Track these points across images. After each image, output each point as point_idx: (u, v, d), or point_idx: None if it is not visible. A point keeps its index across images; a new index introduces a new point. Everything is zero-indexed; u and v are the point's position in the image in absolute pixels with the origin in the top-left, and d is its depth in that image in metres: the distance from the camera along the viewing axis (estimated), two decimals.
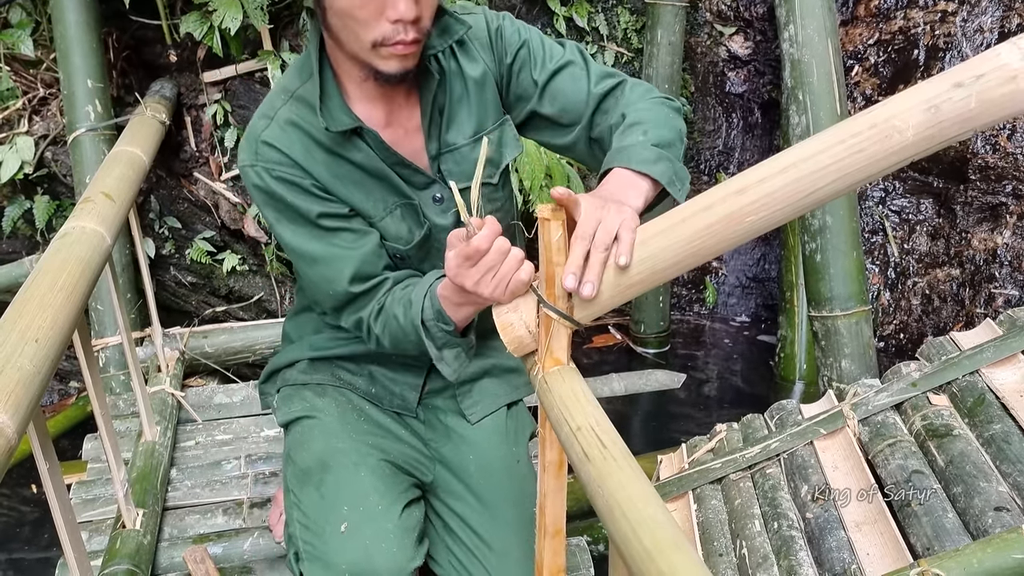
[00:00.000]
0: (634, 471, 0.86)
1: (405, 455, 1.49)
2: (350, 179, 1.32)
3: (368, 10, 1.14)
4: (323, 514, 1.35)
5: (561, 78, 1.36)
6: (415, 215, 1.37)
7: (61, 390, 3.11)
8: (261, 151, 1.30)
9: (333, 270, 1.32)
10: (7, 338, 1.06)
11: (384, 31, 1.16)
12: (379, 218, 1.35)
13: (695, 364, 3.39)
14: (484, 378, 1.57)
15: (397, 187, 1.35)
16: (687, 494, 1.94)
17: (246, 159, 1.32)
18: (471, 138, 1.38)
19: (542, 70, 1.36)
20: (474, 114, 1.37)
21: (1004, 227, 2.89)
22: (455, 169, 1.38)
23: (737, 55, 3.46)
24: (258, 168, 1.30)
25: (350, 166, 1.32)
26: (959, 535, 1.51)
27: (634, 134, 1.24)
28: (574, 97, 1.35)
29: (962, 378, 1.82)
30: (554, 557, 1.18)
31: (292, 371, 1.59)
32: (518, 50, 1.36)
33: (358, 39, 1.18)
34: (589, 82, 1.35)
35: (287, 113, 1.30)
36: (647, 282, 1.02)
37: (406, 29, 1.16)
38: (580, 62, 1.37)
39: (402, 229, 1.36)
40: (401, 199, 1.36)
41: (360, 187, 1.33)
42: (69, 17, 2.43)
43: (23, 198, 2.70)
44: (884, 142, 0.88)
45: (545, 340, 1.07)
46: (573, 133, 1.38)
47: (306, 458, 1.43)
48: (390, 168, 1.33)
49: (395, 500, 1.37)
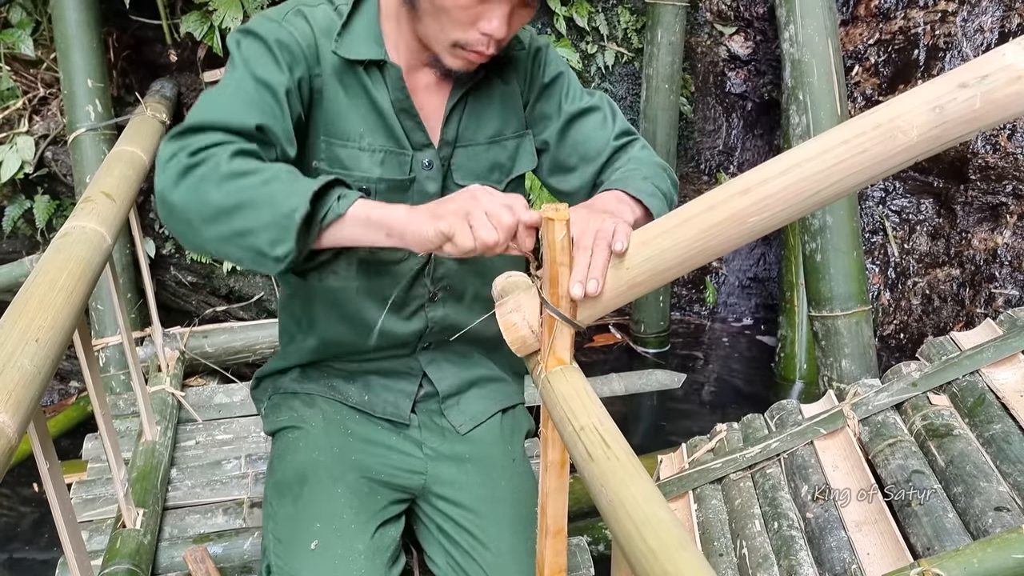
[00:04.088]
0: (637, 470, 0.86)
1: (393, 465, 1.47)
2: (349, 98, 1.30)
3: (467, 14, 1.17)
4: (295, 529, 1.33)
5: (587, 119, 1.40)
6: (401, 167, 1.33)
7: (61, 390, 3.11)
8: (290, 14, 1.26)
9: (245, 102, 1.18)
10: (7, 338, 1.06)
11: (470, 37, 1.19)
12: (354, 145, 1.31)
13: (695, 364, 3.39)
14: (470, 390, 1.55)
15: (394, 133, 1.32)
16: (687, 494, 1.94)
17: (269, 12, 1.27)
18: (488, 140, 1.39)
19: (571, 103, 1.41)
20: (496, 119, 1.39)
21: (1004, 227, 2.90)
22: (465, 164, 1.37)
23: (737, 55, 3.46)
24: (273, 24, 1.24)
25: (359, 88, 1.30)
26: (959, 535, 1.51)
27: (635, 173, 1.31)
28: (593, 142, 1.39)
29: (962, 378, 1.82)
30: (555, 557, 1.18)
31: (284, 379, 1.57)
32: (554, 77, 1.41)
33: (442, 32, 1.21)
34: (611, 132, 1.40)
35: (330, 12, 1.29)
36: (650, 282, 1.02)
37: (489, 43, 1.20)
38: (608, 111, 1.42)
39: (373, 170, 1.32)
40: (393, 146, 1.32)
41: (355, 110, 1.30)
42: (69, 17, 2.43)
43: (23, 198, 2.70)
44: (888, 143, 0.88)
45: (548, 340, 1.07)
46: (575, 177, 1.41)
47: (286, 470, 1.42)
48: (395, 114, 1.31)
49: (369, 519, 1.36)
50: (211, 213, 1.09)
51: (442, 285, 1.45)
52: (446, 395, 1.53)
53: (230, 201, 1.08)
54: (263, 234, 1.08)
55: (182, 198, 1.10)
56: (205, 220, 1.10)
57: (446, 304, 1.46)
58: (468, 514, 1.43)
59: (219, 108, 1.17)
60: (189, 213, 1.10)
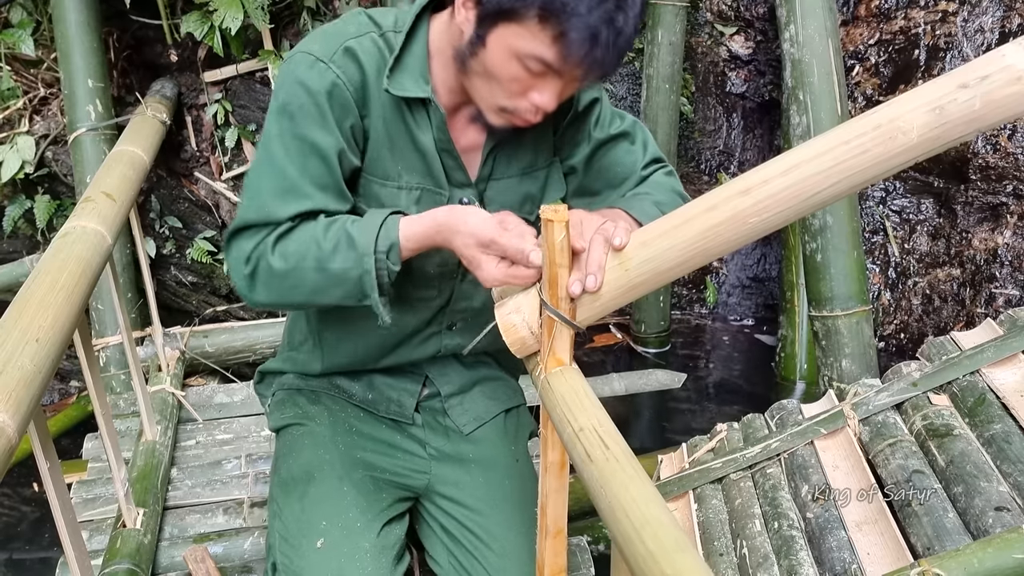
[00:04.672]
0: (637, 472, 0.86)
1: (397, 464, 1.47)
2: (392, 136, 1.28)
3: (517, 85, 1.15)
4: (302, 527, 1.33)
5: (616, 147, 1.40)
6: (436, 205, 1.32)
7: (62, 389, 3.11)
8: (339, 54, 1.21)
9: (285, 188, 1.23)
10: (8, 338, 1.06)
11: (518, 105, 1.18)
12: (392, 184, 1.30)
13: (695, 364, 3.39)
14: (474, 389, 1.56)
15: (432, 172, 1.31)
16: (687, 494, 1.94)
17: (315, 49, 1.22)
18: (520, 172, 1.38)
19: (601, 130, 1.40)
20: (529, 151, 1.38)
21: (1005, 227, 2.89)
22: (497, 197, 1.37)
23: (738, 55, 3.46)
24: (322, 67, 1.20)
25: (401, 126, 1.27)
26: (959, 535, 1.50)
27: (646, 197, 1.33)
28: (620, 168, 1.40)
29: (963, 378, 1.82)
30: (555, 557, 1.18)
31: (288, 375, 1.58)
32: (590, 103, 1.38)
33: (491, 96, 1.19)
34: (640, 160, 1.41)
35: (378, 40, 1.25)
36: (651, 283, 1.02)
37: (537, 112, 1.18)
38: (640, 138, 1.42)
39: (411, 208, 1.31)
40: (431, 184, 1.32)
41: (396, 149, 1.29)
42: (70, 17, 2.43)
43: (24, 198, 2.70)
44: (888, 143, 0.88)
45: (548, 341, 1.07)
46: (599, 201, 1.42)
47: (292, 467, 1.42)
48: (437, 153, 1.30)
49: (375, 517, 1.36)
50: (298, 303, 1.30)
51: (461, 316, 1.46)
52: (449, 395, 1.53)
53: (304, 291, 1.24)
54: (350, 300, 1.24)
55: (266, 299, 1.27)
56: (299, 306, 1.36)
57: (462, 334, 1.47)
58: (471, 514, 1.43)
59: (262, 199, 1.24)
60: (283, 305, 1.30)
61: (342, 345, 1.47)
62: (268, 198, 1.23)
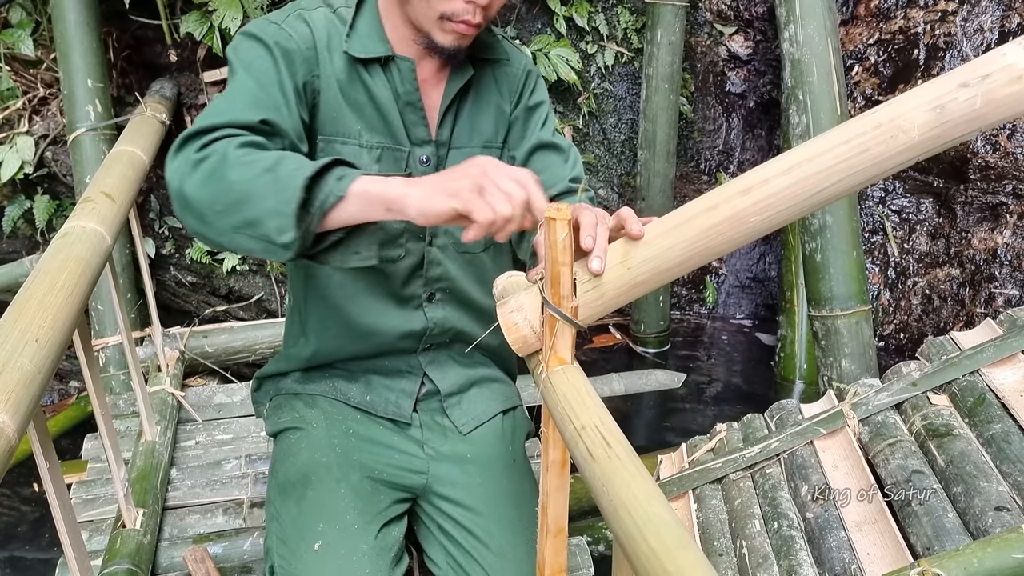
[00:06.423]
0: (639, 470, 0.86)
1: (395, 465, 1.47)
2: (349, 96, 1.33)
3: None
4: (299, 530, 1.33)
5: (552, 154, 1.47)
6: (397, 163, 1.37)
7: (61, 390, 3.11)
8: (291, 18, 1.29)
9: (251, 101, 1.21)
10: (7, 338, 1.06)
11: (456, 7, 1.24)
12: (353, 142, 1.34)
13: (695, 364, 3.39)
14: (472, 389, 1.56)
15: (392, 129, 1.36)
16: (687, 494, 1.94)
17: (268, 16, 1.30)
18: (481, 144, 1.43)
19: (544, 133, 1.48)
20: (490, 126, 1.44)
21: (1004, 227, 2.90)
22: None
23: (737, 55, 3.46)
24: (274, 27, 1.27)
25: (359, 86, 1.33)
26: (959, 535, 1.51)
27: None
28: (550, 174, 1.44)
29: (962, 378, 1.82)
30: (556, 557, 1.18)
31: (286, 380, 1.58)
32: (538, 103, 1.49)
33: (429, 8, 1.25)
34: (568, 173, 1.46)
35: (330, 15, 1.32)
36: (651, 282, 1.02)
37: (475, 11, 1.25)
38: (572, 157, 1.49)
39: (371, 167, 1.34)
40: (390, 143, 1.36)
41: (354, 108, 1.33)
42: (69, 17, 2.43)
43: (23, 198, 2.70)
44: (889, 142, 0.88)
45: (550, 340, 1.07)
46: None
47: (289, 471, 1.42)
48: (399, 109, 1.35)
49: (373, 519, 1.36)
50: (221, 205, 1.10)
51: (439, 287, 1.47)
52: (448, 394, 1.53)
53: (237, 192, 1.08)
54: (269, 222, 1.07)
55: (194, 192, 1.11)
56: (217, 212, 1.10)
57: (445, 306, 1.49)
58: (469, 514, 1.43)
59: (224, 110, 1.19)
60: (202, 206, 1.11)
61: (327, 325, 1.47)
62: (232, 107, 1.20)
